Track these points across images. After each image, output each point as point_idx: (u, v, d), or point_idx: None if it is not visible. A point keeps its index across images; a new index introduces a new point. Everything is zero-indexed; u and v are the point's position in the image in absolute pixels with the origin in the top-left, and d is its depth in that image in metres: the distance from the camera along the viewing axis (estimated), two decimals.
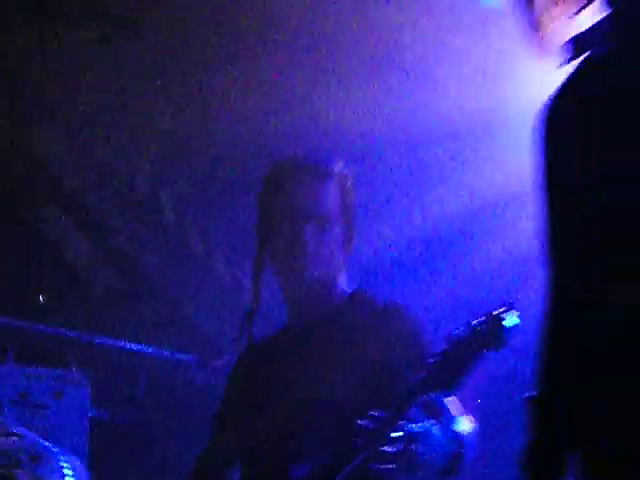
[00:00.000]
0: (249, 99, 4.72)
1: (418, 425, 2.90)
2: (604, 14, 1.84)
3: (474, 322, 2.93)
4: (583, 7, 1.93)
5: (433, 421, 2.97)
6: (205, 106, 4.75)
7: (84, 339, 4.77)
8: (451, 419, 3.07)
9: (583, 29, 1.95)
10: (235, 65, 4.63)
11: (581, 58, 1.85)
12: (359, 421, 2.88)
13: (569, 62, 1.91)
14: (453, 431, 3.02)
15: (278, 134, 4.56)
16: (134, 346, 5.05)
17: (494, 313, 2.87)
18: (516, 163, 3.46)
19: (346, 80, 4.78)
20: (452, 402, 3.04)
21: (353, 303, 3.41)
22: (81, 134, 4.85)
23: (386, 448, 2.86)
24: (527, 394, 1.76)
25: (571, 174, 1.78)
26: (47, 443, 3.44)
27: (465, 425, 3.07)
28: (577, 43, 1.95)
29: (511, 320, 2.83)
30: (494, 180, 5.06)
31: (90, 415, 4.41)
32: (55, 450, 3.36)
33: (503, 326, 2.85)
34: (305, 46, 4.72)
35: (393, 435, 2.85)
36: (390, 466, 2.87)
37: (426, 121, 4.84)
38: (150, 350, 5.13)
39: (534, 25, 2.00)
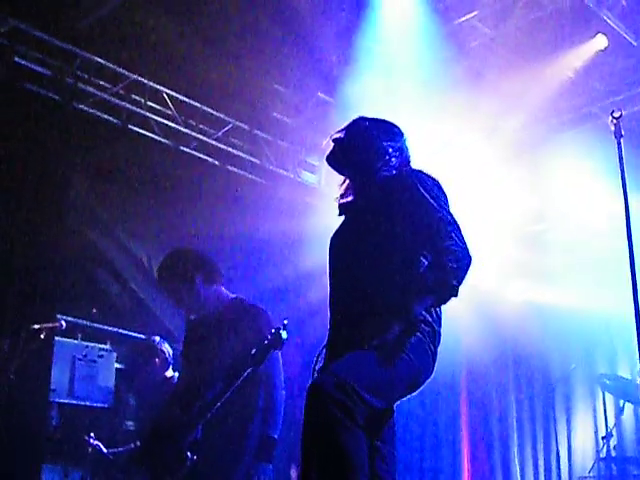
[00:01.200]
0: None
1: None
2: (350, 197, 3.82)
3: (269, 334, 4.77)
4: (343, 192, 4.03)
5: None
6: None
7: (112, 330, 7.76)
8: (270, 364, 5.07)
9: (343, 201, 3.94)
10: None
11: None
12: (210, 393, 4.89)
13: (340, 214, 3.94)
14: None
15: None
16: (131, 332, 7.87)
17: (279, 330, 4.74)
18: None
19: None
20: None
21: (233, 303, 5.49)
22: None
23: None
24: None
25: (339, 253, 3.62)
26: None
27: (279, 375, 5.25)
28: (340, 206, 3.96)
29: (284, 335, 4.71)
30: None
31: (116, 367, 7.38)
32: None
33: (282, 337, 4.73)
34: None
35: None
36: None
37: None
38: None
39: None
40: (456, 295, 3.39)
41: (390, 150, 3.77)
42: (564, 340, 9.66)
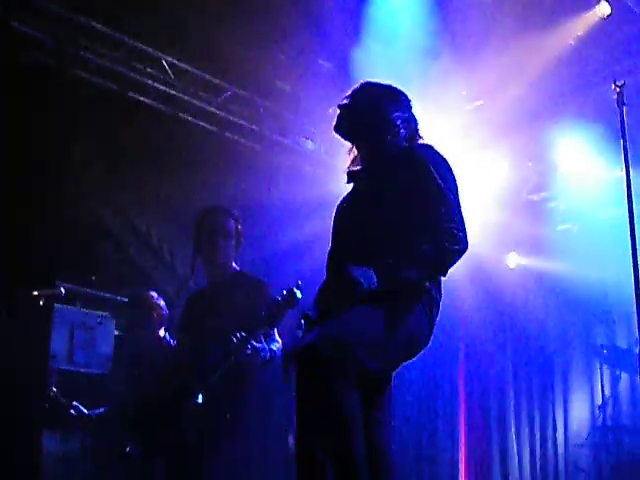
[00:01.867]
0: None
1: (261, 342, 5.15)
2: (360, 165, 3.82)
3: (284, 292, 4.80)
4: (352, 160, 3.95)
5: (263, 342, 5.18)
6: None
7: (111, 297, 7.71)
8: (271, 342, 5.28)
9: (352, 169, 3.91)
10: None
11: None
12: (234, 336, 5.01)
13: (348, 182, 3.95)
14: (270, 348, 5.23)
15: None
16: None
17: (292, 289, 4.77)
18: None
19: None
20: (273, 332, 5.35)
21: (238, 275, 5.69)
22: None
23: (247, 350, 5.05)
24: None
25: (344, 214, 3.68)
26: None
27: (276, 346, 5.30)
28: (348, 174, 3.95)
29: (299, 294, 4.75)
30: None
31: (114, 334, 7.43)
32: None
33: (297, 296, 4.78)
34: None
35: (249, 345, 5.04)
36: (248, 356, 5.04)
37: None
38: None
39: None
40: (444, 275, 3.46)
41: (399, 122, 3.74)
42: (562, 310, 9.69)
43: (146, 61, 7.94)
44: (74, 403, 6.07)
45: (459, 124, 8.82)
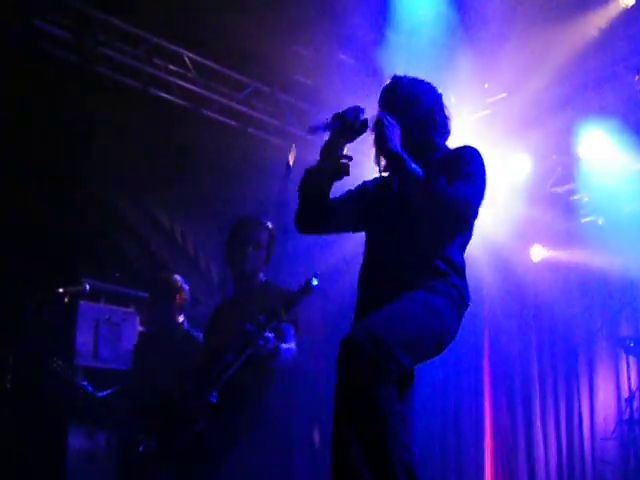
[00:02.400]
0: None
1: (271, 337, 5.13)
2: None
3: (302, 284, 5.03)
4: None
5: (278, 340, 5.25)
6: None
7: (135, 293, 7.66)
8: (284, 338, 5.36)
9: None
10: None
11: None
12: (248, 327, 5.08)
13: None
14: (282, 346, 5.29)
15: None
16: None
17: (308, 279, 5.00)
18: None
19: None
20: (290, 331, 5.45)
21: (265, 285, 5.80)
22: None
23: (259, 342, 5.10)
24: None
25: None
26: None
27: (290, 345, 5.39)
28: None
29: (315, 281, 4.95)
30: None
31: (138, 329, 7.45)
32: None
33: (312, 284, 4.97)
34: None
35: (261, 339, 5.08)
36: (261, 347, 5.09)
37: None
38: None
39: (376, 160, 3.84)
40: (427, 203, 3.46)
41: (446, 121, 3.83)
42: (587, 302, 9.63)
43: (167, 57, 7.95)
44: (82, 382, 6.10)
45: (482, 117, 8.82)
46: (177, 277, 6.49)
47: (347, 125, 3.59)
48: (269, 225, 5.77)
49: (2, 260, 6.66)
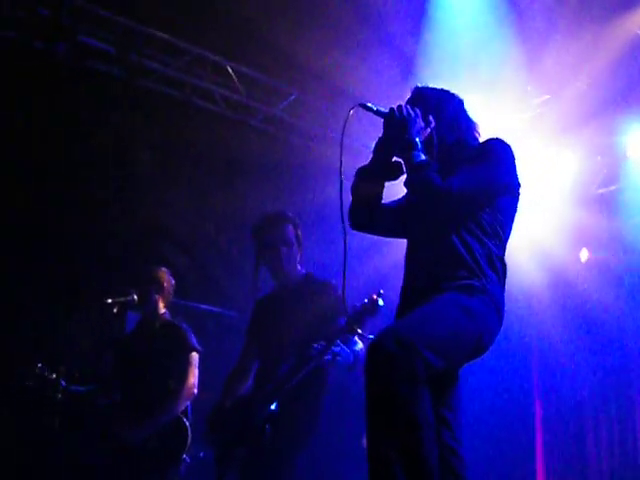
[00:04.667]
0: None
1: (340, 346, 5.10)
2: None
3: (365, 300, 4.89)
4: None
5: (345, 346, 5.13)
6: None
7: (181, 303, 7.50)
8: (353, 344, 5.24)
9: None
10: None
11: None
12: (315, 344, 5.03)
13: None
14: (353, 350, 5.20)
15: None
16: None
17: (374, 296, 4.89)
18: None
19: None
20: (356, 337, 5.24)
21: (306, 278, 5.69)
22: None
23: (327, 356, 5.06)
24: None
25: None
26: None
27: (359, 347, 5.24)
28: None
29: (380, 302, 4.81)
30: None
31: None
32: None
33: (378, 304, 4.85)
34: None
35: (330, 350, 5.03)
36: (328, 362, 5.07)
37: None
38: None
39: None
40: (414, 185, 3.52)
41: (472, 124, 3.82)
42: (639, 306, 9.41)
43: (210, 68, 7.97)
44: (61, 380, 6.04)
45: (525, 120, 8.71)
46: (162, 269, 6.48)
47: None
48: (291, 217, 5.76)
49: (2, 260, 6.67)
